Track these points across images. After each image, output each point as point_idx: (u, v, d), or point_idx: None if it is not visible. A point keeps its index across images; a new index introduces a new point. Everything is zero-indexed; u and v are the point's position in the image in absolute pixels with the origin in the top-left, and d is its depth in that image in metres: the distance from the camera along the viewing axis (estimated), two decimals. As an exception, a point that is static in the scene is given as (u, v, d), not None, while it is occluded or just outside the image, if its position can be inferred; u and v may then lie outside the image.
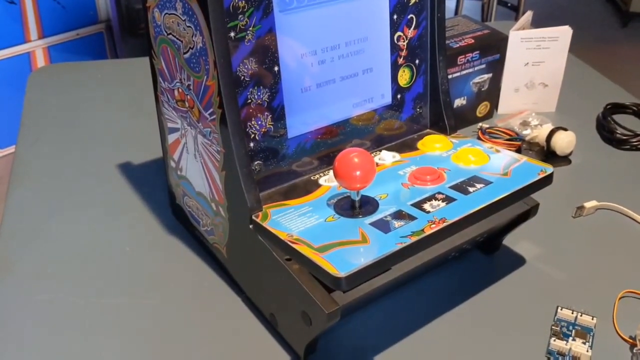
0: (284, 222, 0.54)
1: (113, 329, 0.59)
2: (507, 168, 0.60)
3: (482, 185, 0.57)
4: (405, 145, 0.66)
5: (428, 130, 0.69)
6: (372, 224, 0.52)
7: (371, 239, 0.50)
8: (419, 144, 0.66)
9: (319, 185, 0.60)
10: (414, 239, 0.50)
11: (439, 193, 0.56)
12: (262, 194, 0.57)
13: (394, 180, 0.59)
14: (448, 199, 0.55)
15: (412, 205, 0.54)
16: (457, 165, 0.61)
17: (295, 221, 0.54)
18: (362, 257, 0.48)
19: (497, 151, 0.63)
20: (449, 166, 0.61)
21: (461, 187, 0.57)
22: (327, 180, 0.60)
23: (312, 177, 0.61)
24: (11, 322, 0.60)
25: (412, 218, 0.52)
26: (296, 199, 0.58)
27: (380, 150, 0.65)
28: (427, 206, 0.54)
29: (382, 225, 0.52)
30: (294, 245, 0.51)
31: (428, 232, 0.50)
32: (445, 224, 0.51)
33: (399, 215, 0.53)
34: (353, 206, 0.54)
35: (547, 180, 0.59)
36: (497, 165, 0.60)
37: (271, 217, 0.55)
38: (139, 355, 0.57)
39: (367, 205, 0.54)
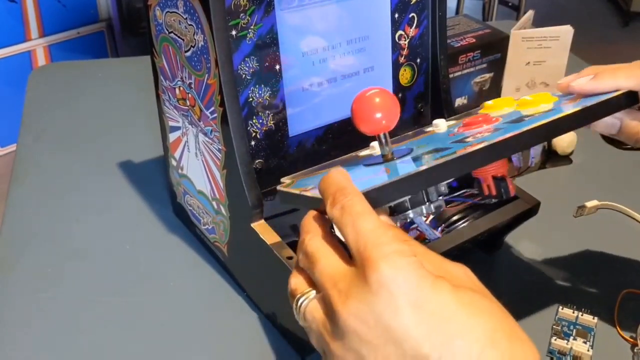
0: (310, 182, 0.49)
1: (113, 328, 0.59)
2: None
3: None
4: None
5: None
6: (401, 161, 0.47)
7: (394, 169, 0.46)
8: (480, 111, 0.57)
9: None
10: (442, 160, 0.43)
11: (489, 129, 0.49)
12: (263, 192, 0.57)
13: (443, 137, 0.51)
14: (496, 129, 0.48)
15: (454, 142, 0.48)
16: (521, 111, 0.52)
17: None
18: (380, 180, 0.43)
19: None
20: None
21: (517, 120, 0.49)
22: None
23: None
24: (11, 320, 0.60)
25: (447, 149, 0.46)
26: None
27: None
28: (469, 139, 0.47)
29: (412, 159, 0.47)
30: (308, 193, 0.45)
31: (459, 154, 0.43)
32: (482, 146, 0.44)
33: (434, 150, 0.47)
34: (383, 156, 0.49)
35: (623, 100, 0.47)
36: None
37: (296, 182, 0.51)
38: (139, 354, 0.57)
39: (400, 151, 0.50)
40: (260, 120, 0.57)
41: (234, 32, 0.53)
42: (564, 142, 0.83)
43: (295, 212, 0.66)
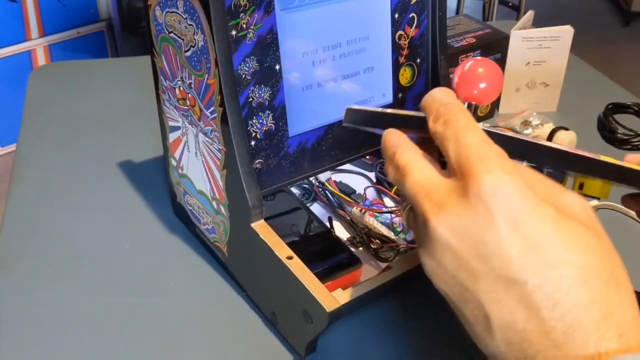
0: None
1: (113, 327, 0.59)
2: None
3: None
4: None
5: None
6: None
7: None
8: None
9: None
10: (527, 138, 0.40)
11: None
12: (262, 192, 0.57)
13: None
14: None
15: None
16: None
17: None
18: None
19: None
20: None
21: None
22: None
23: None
24: (11, 320, 0.60)
25: None
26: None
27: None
28: None
29: None
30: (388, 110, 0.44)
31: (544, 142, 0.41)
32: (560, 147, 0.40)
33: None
34: None
35: None
36: None
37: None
38: (139, 354, 0.57)
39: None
40: (260, 120, 0.57)
41: (234, 32, 0.53)
42: (564, 142, 0.83)
43: (296, 212, 0.66)
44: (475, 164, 0.34)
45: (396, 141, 0.40)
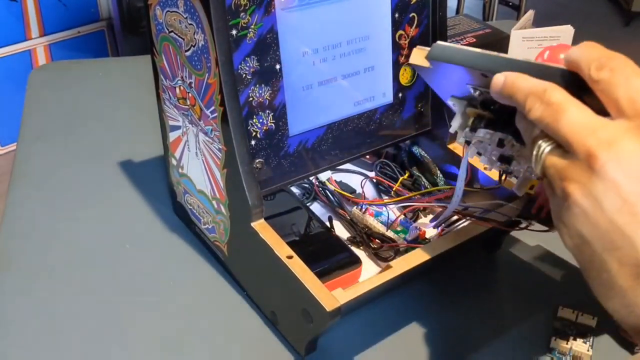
0: None
1: (113, 327, 0.59)
2: None
3: None
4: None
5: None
6: None
7: None
8: None
9: None
10: None
11: None
12: (262, 191, 0.57)
13: None
14: None
15: None
16: None
17: None
18: None
19: None
20: None
21: None
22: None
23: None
24: (11, 319, 0.60)
25: None
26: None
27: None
28: None
29: None
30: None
31: None
32: None
33: None
34: None
35: None
36: None
37: None
38: (139, 353, 0.57)
39: None
40: (261, 120, 0.57)
41: (234, 32, 0.53)
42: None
43: (296, 212, 0.66)
44: None
45: (540, 83, 0.39)
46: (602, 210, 0.34)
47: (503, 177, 0.57)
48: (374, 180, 0.73)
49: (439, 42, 0.48)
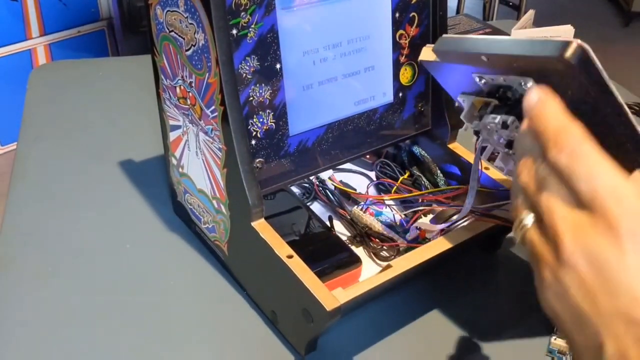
0: None
1: (113, 326, 0.59)
2: None
3: None
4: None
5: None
6: None
7: None
8: None
9: None
10: None
11: None
12: (263, 191, 0.57)
13: None
14: None
15: None
16: None
17: None
18: None
19: None
20: None
21: None
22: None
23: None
24: (11, 319, 0.60)
25: None
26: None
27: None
28: None
29: None
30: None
31: None
32: None
33: None
34: None
35: None
36: None
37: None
38: (139, 353, 0.57)
39: None
40: (261, 119, 0.57)
41: (234, 31, 0.53)
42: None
43: (296, 211, 0.66)
44: (617, 207, 0.35)
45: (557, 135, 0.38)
46: (569, 295, 0.36)
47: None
48: (375, 181, 0.73)
49: (445, 35, 0.50)
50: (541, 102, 0.40)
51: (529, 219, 0.39)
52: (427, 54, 0.52)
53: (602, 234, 0.35)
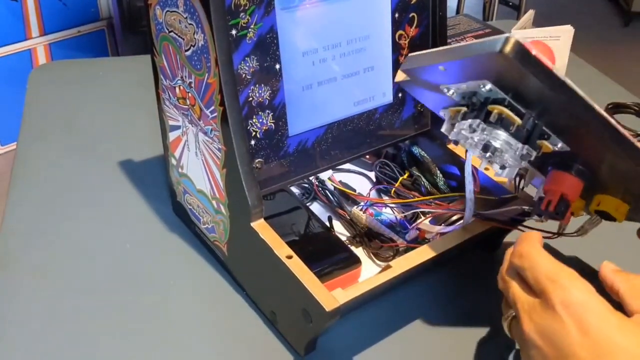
0: None
1: (113, 326, 0.59)
2: None
3: None
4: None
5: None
6: None
7: None
8: None
9: None
10: None
11: None
12: (262, 191, 0.57)
13: None
14: None
15: None
16: None
17: None
18: None
19: None
20: None
21: None
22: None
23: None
24: (11, 318, 0.60)
25: None
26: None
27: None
28: None
29: None
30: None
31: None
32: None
33: None
34: None
35: None
36: None
37: None
38: (139, 353, 0.57)
39: None
40: (260, 120, 0.57)
41: (234, 32, 0.53)
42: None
43: (295, 212, 0.66)
44: (551, 285, 0.44)
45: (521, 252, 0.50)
46: None
47: (520, 187, 0.60)
48: (375, 181, 0.73)
49: (410, 54, 0.53)
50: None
51: (510, 312, 0.49)
52: (400, 75, 0.54)
53: (545, 311, 0.43)
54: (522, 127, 0.48)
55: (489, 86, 0.47)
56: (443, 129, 0.54)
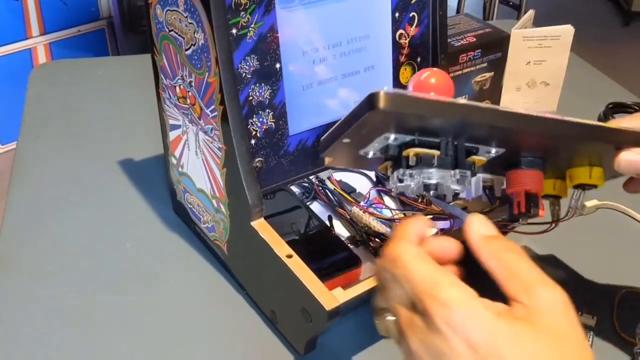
0: None
1: (113, 326, 0.59)
2: None
3: None
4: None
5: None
6: None
7: None
8: None
9: None
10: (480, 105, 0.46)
11: None
12: (262, 190, 0.57)
13: None
14: None
15: None
16: None
17: None
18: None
19: None
20: None
21: None
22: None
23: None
24: (12, 318, 0.60)
25: None
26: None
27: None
28: None
29: None
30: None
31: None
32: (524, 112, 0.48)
33: None
34: None
35: None
36: None
37: None
38: (139, 352, 0.57)
39: None
40: (261, 119, 0.57)
41: (234, 31, 0.53)
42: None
43: (295, 211, 0.66)
44: (432, 304, 0.40)
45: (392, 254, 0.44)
46: None
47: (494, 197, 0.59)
48: (375, 181, 0.73)
49: (321, 138, 0.51)
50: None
51: (386, 315, 0.45)
52: (326, 160, 0.53)
53: (431, 332, 0.40)
54: (444, 154, 0.47)
55: (392, 136, 0.46)
56: (388, 187, 0.54)
